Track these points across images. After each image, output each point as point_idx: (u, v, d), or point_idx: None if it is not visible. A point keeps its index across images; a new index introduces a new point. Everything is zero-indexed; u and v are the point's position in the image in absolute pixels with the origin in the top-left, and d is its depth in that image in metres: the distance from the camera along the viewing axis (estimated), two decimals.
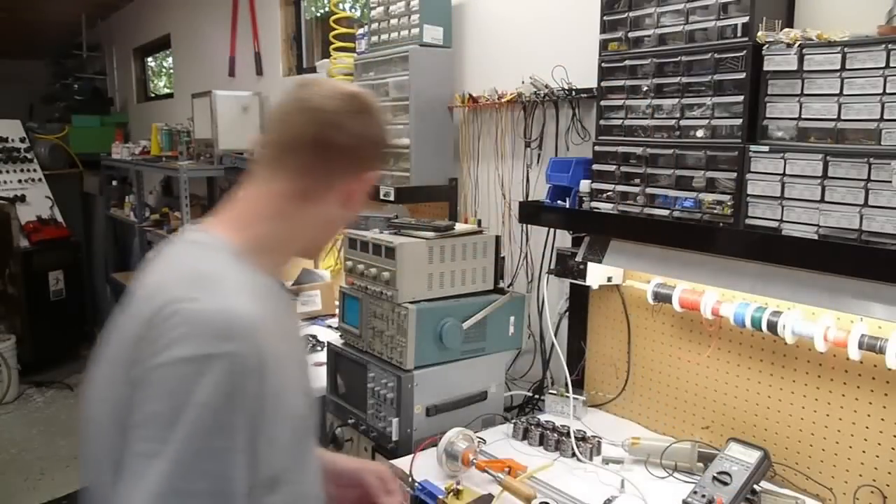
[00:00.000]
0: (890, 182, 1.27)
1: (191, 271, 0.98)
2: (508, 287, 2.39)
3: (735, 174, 1.52)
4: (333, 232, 1.19)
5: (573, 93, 2.11)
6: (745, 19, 1.51)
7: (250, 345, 0.91)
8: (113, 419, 0.95)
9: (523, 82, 2.24)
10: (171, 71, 6.73)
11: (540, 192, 2.16)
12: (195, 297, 0.92)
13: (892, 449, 1.51)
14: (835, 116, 1.37)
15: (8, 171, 6.25)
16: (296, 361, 1.10)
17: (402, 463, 1.76)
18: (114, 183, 6.36)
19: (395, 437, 1.88)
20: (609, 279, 2.00)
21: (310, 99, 1.07)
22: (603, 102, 1.81)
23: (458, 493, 1.61)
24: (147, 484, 0.86)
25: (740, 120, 1.53)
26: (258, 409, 0.93)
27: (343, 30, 2.80)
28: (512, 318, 2.08)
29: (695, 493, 1.54)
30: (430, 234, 1.95)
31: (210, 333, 0.90)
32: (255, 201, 1.09)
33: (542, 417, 2.01)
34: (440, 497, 1.62)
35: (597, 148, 1.83)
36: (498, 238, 2.11)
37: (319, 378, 2.27)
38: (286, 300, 1.13)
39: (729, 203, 1.53)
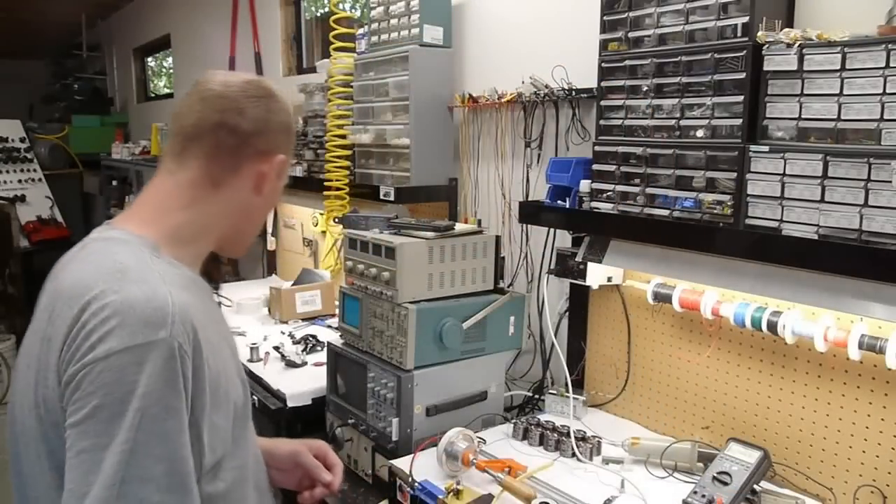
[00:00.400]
0: (890, 182, 1.27)
1: (111, 266, 0.98)
2: (508, 287, 2.39)
3: (735, 174, 1.52)
4: (252, 220, 1.19)
5: (573, 93, 2.11)
6: (745, 19, 1.50)
7: (183, 330, 0.93)
8: (44, 425, 0.96)
9: (523, 82, 2.24)
10: (171, 71, 6.73)
11: (540, 192, 2.16)
12: (121, 289, 0.93)
13: (892, 449, 1.51)
14: (835, 116, 1.37)
15: (8, 171, 6.26)
16: (227, 349, 1.12)
17: (402, 463, 1.76)
18: (114, 183, 6.36)
19: (395, 437, 1.88)
20: (609, 279, 2.00)
21: (211, 88, 1.10)
22: (603, 102, 1.81)
23: (458, 493, 1.61)
24: (103, 477, 0.87)
25: (740, 120, 1.52)
26: (198, 393, 0.96)
27: (343, 30, 2.79)
28: (512, 318, 2.08)
29: (695, 493, 1.54)
30: (430, 234, 1.95)
31: (142, 322, 0.91)
32: (166, 194, 1.10)
33: (542, 417, 2.01)
34: (440, 497, 1.62)
35: (597, 148, 1.83)
36: (498, 238, 2.11)
37: (319, 378, 2.28)
38: (208, 291, 1.15)
39: (729, 203, 1.53)
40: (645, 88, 1.70)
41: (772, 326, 1.59)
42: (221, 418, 1.02)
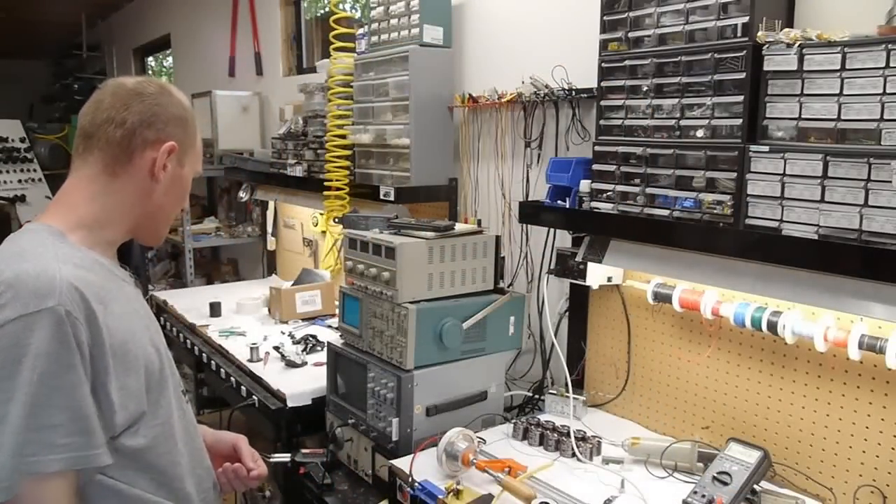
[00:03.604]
0: (890, 182, 1.27)
1: (14, 250, 1.14)
2: (508, 287, 2.39)
3: (735, 174, 1.52)
4: (159, 205, 1.29)
5: (573, 93, 2.11)
6: (745, 19, 1.51)
7: (72, 299, 1.07)
8: None
9: (523, 82, 2.24)
10: (171, 71, 6.72)
11: (540, 192, 2.16)
12: (16, 268, 1.08)
13: (892, 449, 1.51)
14: (835, 116, 1.37)
15: (8, 171, 6.27)
16: (138, 321, 1.24)
17: (402, 463, 1.76)
18: None
19: (395, 437, 1.88)
20: (609, 279, 2.00)
21: (103, 92, 1.25)
22: (603, 102, 1.81)
23: (458, 493, 1.61)
24: (11, 426, 1.02)
25: (740, 120, 1.53)
26: (99, 355, 1.10)
27: (343, 30, 2.79)
28: (512, 318, 2.08)
29: (695, 493, 1.54)
30: (430, 234, 1.95)
31: (31, 294, 1.05)
32: (73, 189, 1.24)
33: (542, 417, 2.01)
34: (440, 497, 1.62)
35: (597, 148, 1.83)
36: (498, 238, 2.11)
37: (319, 378, 2.28)
38: (114, 273, 1.25)
39: (729, 203, 1.53)
40: (645, 88, 1.70)
41: (772, 326, 1.59)
42: (133, 380, 1.16)
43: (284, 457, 1.91)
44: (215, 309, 3.20)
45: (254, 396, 2.33)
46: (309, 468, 2.05)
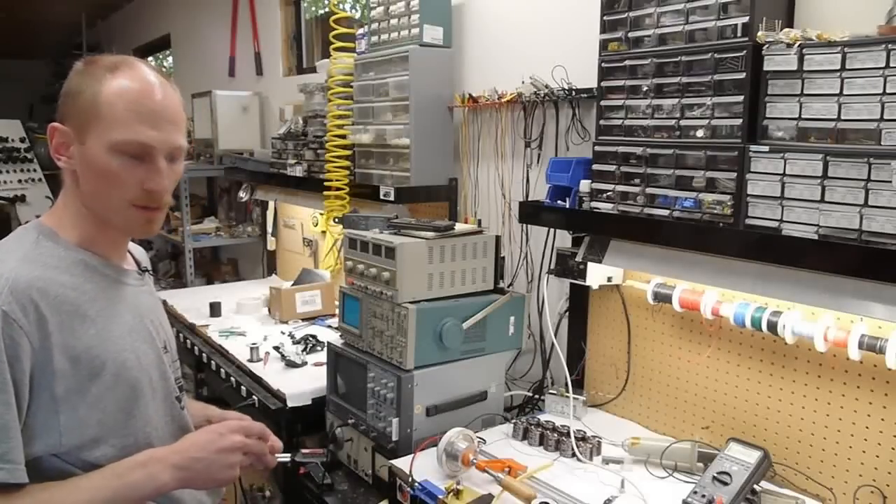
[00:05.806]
0: (890, 182, 1.27)
1: None
2: (508, 287, 2.39)
3: (735, 174, 1.52)
4: (91, 195, 1.20)
5: (573, 93, 2.11)
6: (745, 19, 1.51)
7: (12, 299, 1.06)
8: None
9: (523, 82, 2.24)
10: (171, 71, 6.72)
11: (540, 192, 2.16)
12: None
13: (893, 449, 1.51)
14: (835, 116, 1.37)
15: (8, 171, 6.27)
16: (118, 326, 1.21)
17: (402, 463, 1.76)
18: None
19: (395, 437, 1.88)
20: (609, 279, 2.00)
21: None
22: (603, 102, 1.81)
23: (458, 493, 1.61)
24: None
25: (740, 120, 1.52)
26: (45, 359, 1.07)
27: (343, 30, 2.79)
28: (512, 318, 2.08)
29: (695, 493, 1.54)
30: (430, 234, 1.95)
31: None
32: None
33: (542, 417, 2.01)
34: (440, 497, 1.62)
35: (597, 148, 1.83)
36: (498, 238, 2.11)
37: (319, 378, 2.28)
38: (104, 273, 1.23)
39: (729, 203, 1.53)
40: (645, 88, 1.70)
41: (772, 326, 1.59)
42: (96, 387, 1.14)
43: (284, 457, 1.90)
44: (215, 309, 3.20)
45: (254, 396, 2.33)
46: (309, 468, 2.05)
